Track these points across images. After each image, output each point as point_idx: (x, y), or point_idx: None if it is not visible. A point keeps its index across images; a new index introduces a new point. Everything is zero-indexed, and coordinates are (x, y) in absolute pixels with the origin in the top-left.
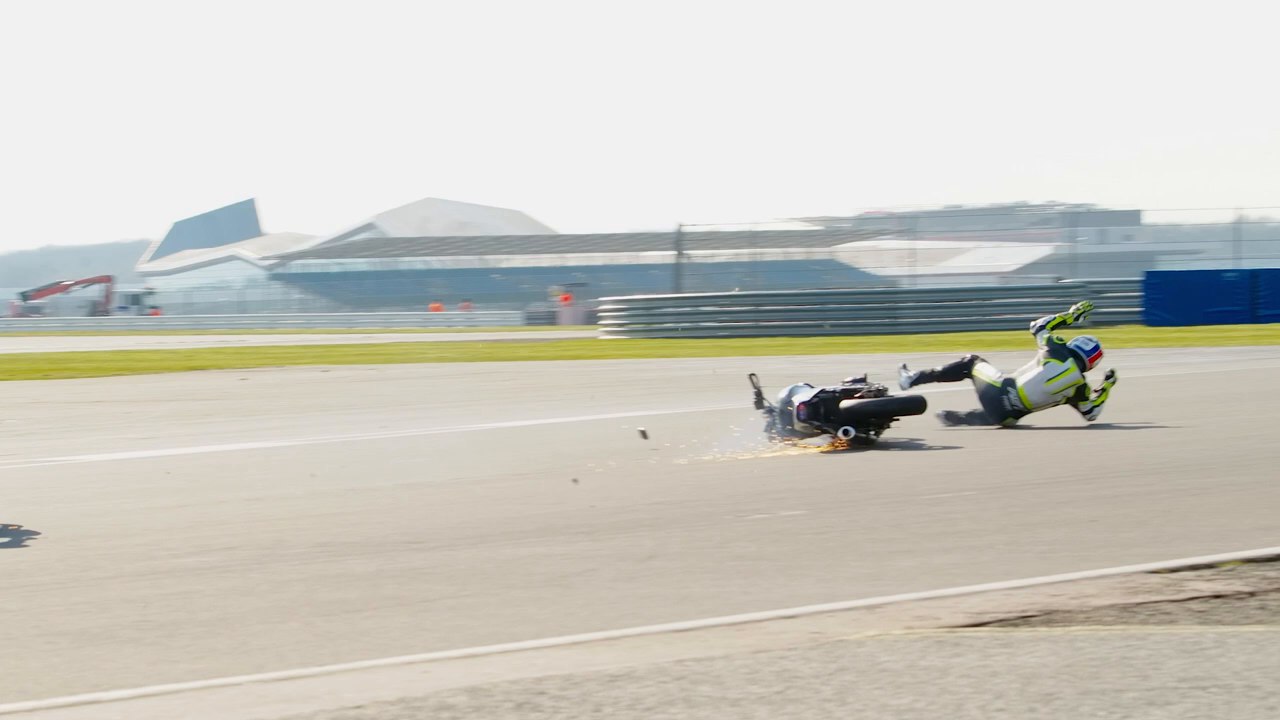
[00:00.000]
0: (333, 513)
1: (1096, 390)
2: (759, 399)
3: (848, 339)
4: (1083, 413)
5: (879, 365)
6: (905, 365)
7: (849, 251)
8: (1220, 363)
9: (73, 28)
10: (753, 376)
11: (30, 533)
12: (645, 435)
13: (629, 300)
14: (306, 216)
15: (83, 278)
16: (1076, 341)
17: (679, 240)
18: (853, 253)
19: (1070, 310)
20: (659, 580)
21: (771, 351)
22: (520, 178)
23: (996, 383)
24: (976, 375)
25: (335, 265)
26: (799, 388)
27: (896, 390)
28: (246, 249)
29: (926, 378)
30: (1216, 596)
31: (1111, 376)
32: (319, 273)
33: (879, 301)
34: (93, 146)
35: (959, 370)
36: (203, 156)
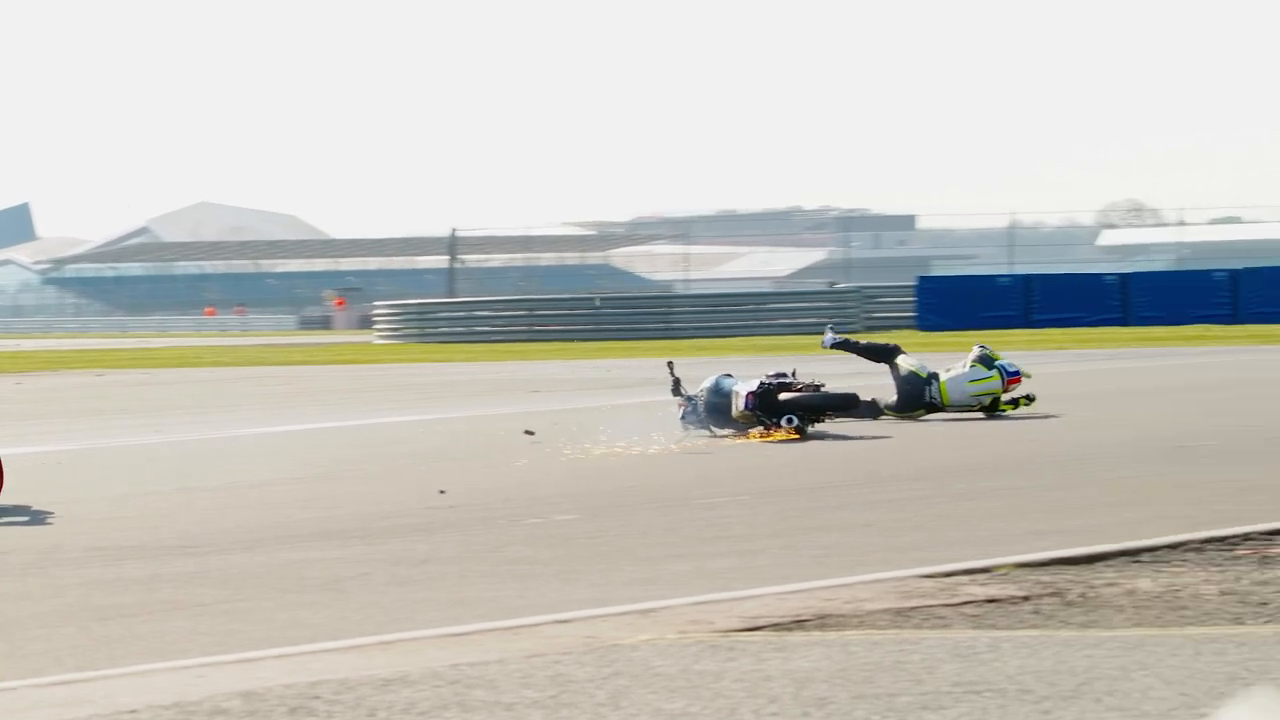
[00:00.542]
0: (108, 517)
1: (1008, 401)
2: (676, 387)
3: (623, 343)
4: (989, 414)
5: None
6: (832, 325)
7: (623, 256)
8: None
9: None
10: (670, 365)
11: None
12: (531, 434)
13: (403, 305)
14: (82, 221)
15: None
16: (1003, 362)
17: (453, 245)
18: (627, 257)
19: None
20: (434, 584)
21: (546, 356)
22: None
23: (922, 373)
24: (900, 364)
25: (110, 270)
26: (724, 378)
27: (830, 387)
28: (21, 253)
29: (850, 345)
30: (990, 601)
31: (1030, 399)
32: (93, 277)
33: (653, 306)
34: None
35: (879, 351)
36: None
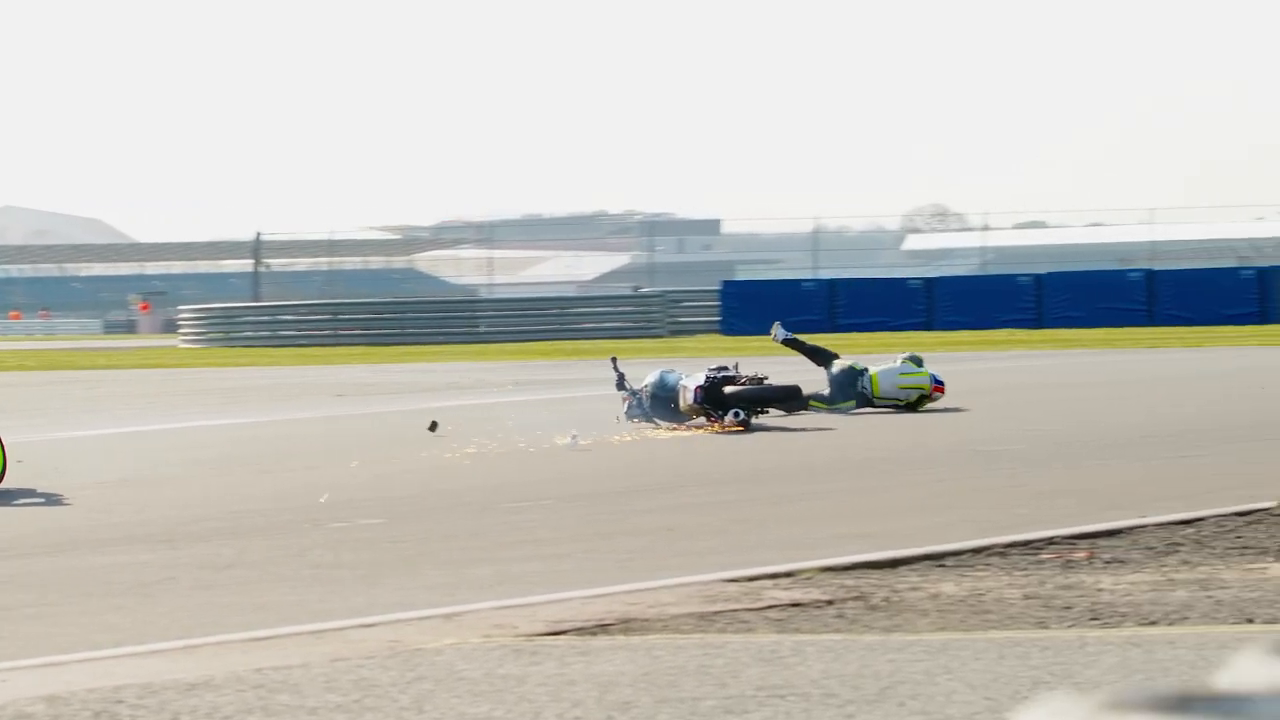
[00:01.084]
0: None
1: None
2: (620, 381)
3: (429, 348)
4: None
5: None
6: (781, 323)
7: (428, 260)
8: (799, 371)
9: None
10: (614, 360)
11: None
12: (434, 427)
13: (207, 309)
14: None
15: None
16: (934, 372)
17: (257, 249)
18: (431, 261)
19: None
20: (239, 589)
21: (351, 360)
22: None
23: (856, 366)
24: (835, 364)
25: None
26: (668, 374)
27: (773, 381)
28: None
29: (797, 344)
30: (794, 605)
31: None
32: None
33: (458, 311)
34: None
35: (821, 354)
36: None
